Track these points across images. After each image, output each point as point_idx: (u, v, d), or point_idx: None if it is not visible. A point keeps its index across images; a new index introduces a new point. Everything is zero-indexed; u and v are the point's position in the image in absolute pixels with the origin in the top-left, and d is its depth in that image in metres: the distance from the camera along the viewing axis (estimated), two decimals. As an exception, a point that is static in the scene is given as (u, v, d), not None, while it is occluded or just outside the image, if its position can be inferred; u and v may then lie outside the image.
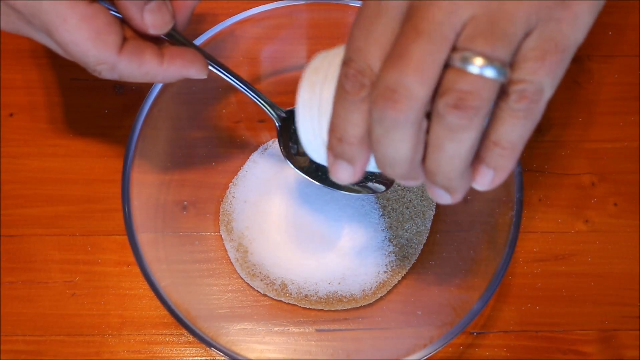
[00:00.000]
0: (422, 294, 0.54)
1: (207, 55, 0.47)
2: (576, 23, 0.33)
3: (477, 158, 0.35)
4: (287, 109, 0.49)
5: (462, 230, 0.56)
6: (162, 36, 0.45)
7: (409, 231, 0.56)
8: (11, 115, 0.59)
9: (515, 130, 0.33)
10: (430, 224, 0.56)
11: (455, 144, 0.33)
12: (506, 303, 0.55)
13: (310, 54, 0.58)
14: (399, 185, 0.57)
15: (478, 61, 0.31)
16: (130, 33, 0.44)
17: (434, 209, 0.57)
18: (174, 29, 0.45)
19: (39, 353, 0.54)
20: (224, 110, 0.59)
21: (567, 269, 0.56)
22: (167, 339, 0.54)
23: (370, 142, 0.35)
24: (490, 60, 0.31)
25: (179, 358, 0.54)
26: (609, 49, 0.62)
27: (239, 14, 0.53)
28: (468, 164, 0.34)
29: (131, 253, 0.48)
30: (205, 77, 0.46)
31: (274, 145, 0.59)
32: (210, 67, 0.47)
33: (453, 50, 0.32)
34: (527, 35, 0.33)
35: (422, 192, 0.57)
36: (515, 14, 0.32)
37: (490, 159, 0.34)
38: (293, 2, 0.54)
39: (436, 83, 0.32)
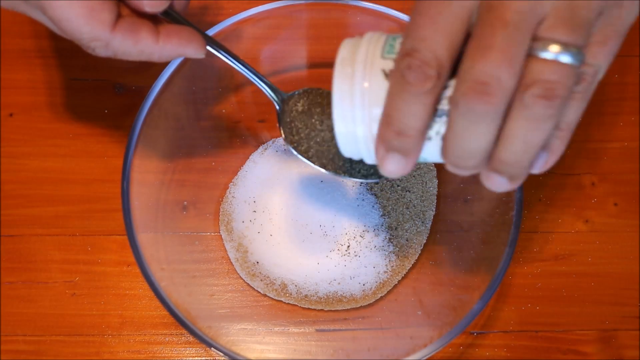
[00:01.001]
0: (422, 294, 0.54)
1: (206, 36, 0.46)
2: (633, 8, 0.34)
3: None
4: (289, 93, 0.49)
5: (462, 230, 0.56)
6: (160, 15, 0.44)
7: (409, 231, 0.56)
8: (11, 115, 0.59)
9: (571, 112, 0.34)
10: (430, 224, 0.56)
11: (536, 133, 0.33)
12: (506, 303, 0.55)
13: (310, 54, 0.59)
14: (398, 185, 0.57)
15: (559, 49, 0.32)
16: (127, 11, 0.43)
17: (434, 209, 0.57)
18: (172, 8, 0.45)
19: (39, 353, 0.54)
20: (224, 110, 0.59)
21: (567, 269, 0.56)
22: (167, 339, 0.54)
23: (425, 133, 0.35)
24: (570, 48, 0.32)
25: (179, 358, 0.54)
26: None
27: (239, 14, 0.53)
28: (537, 154, 0.34)
29: (131, 253, 0.48)
30: (202, 56, 0.45)
31: (274, 145, 0.59)
32: (208, 48, 0.46)
33: (534, 40, 0.32)
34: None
35: (422, 192, 0.57)
36: (592, 2, 0.32)
37: (548, 142, 0.35)
38: (293, 2, 0.53)
39: (521, 73, 0.32)
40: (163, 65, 0.51)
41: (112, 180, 0.57)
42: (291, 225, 0.56)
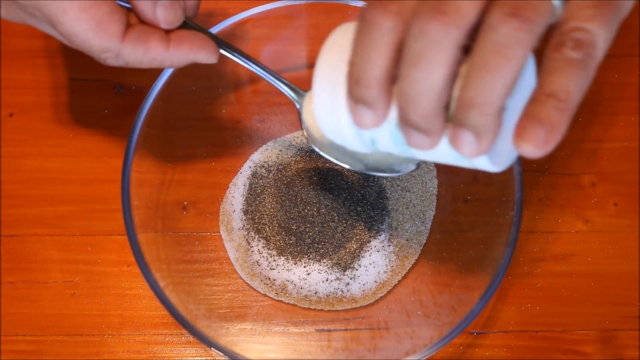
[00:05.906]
0: (422, 294, 0.54)
1: (218, 39, 0.46)
2: None
3: (525, 115, 0.31)
4: (308, 90, 0.47)
5: (462, 230, 0.56)
6: None
7: (409, 231, 0.56)
8: (11, 115, 0.59)
9: (572, 80, 0.31)
10: (430, 224, 0.56)
11: (504, 62, 0.29)
12: (506, 303, 0.55)
13: (310, 54, 0.59)
14: (398, 185, 0.57)
15: None
16: (135, 19, 0.43)
17: (434, 209, 0.57)
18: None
19: (39, 353, 0.54)
20: (224, 110, 0.59)
21: (567, 269, 0.56)
22: (167, 339, 0.54)
23: (391, 83, 0.33)
24: None
25: (179, 358, 0.54)
26: (609, 49, 0.62)
27: (239, 14, 0.53)
28: (509, 95, 0.31)
29: (131, 253, 0.48)
30: (215, 61, 0.45)
31: (274, 145, 0.59)
32: (223, 52, 0.46)
33: None
34: None
35: (422, 192, 0.57)
36: None
37: (544, 113, 0.31)
38: (293, 2, 0.54)
39: (484, 8, 0.30)
40: (163, 65, 0.51)
41: (112, 180, 0.57)
42: (291, 224, 0.56)
